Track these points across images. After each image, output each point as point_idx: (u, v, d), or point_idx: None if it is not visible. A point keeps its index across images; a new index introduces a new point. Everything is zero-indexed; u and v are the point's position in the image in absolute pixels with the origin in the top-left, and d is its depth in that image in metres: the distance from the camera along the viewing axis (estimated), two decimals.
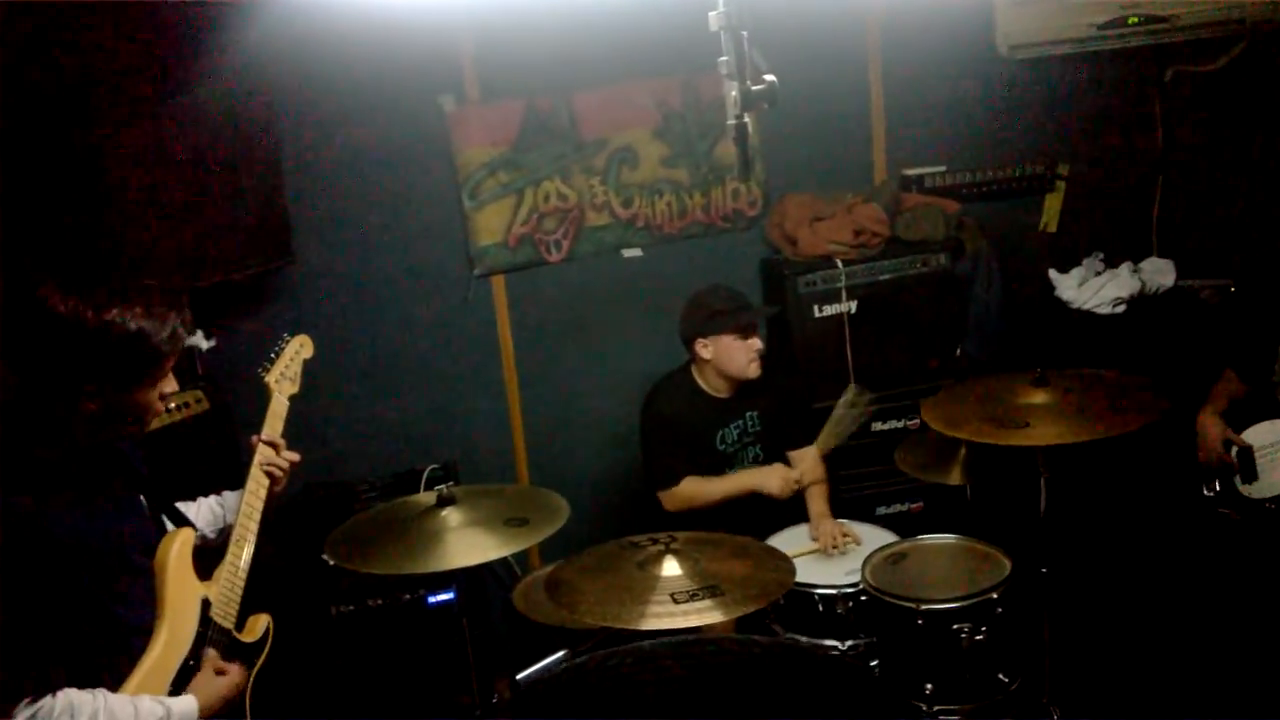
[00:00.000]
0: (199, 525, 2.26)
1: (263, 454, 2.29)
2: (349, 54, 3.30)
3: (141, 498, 2.13)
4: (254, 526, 2.23)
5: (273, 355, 2.45)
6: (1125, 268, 3.80)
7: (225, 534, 2.27)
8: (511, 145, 3.70)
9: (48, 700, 1.77)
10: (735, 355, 3.18)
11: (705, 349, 3.20)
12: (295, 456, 2.34)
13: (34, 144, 2.75)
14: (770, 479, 3.15)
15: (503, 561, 3.42)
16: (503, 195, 3.72)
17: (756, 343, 3.20)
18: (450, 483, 2.72)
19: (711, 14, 1.57)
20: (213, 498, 2.38)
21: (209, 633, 2.09)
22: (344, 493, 3.47)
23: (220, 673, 2.04)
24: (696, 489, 3.18)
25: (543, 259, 3.81)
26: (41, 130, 2.74)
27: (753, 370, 3.20)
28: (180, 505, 2.28)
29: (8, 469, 1.84)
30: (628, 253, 3.91)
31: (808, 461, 3.26)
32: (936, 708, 2.55)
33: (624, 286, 3.90)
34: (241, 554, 2.20)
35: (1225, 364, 3.14)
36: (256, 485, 2.26)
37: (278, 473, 2.30)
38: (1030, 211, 4.13)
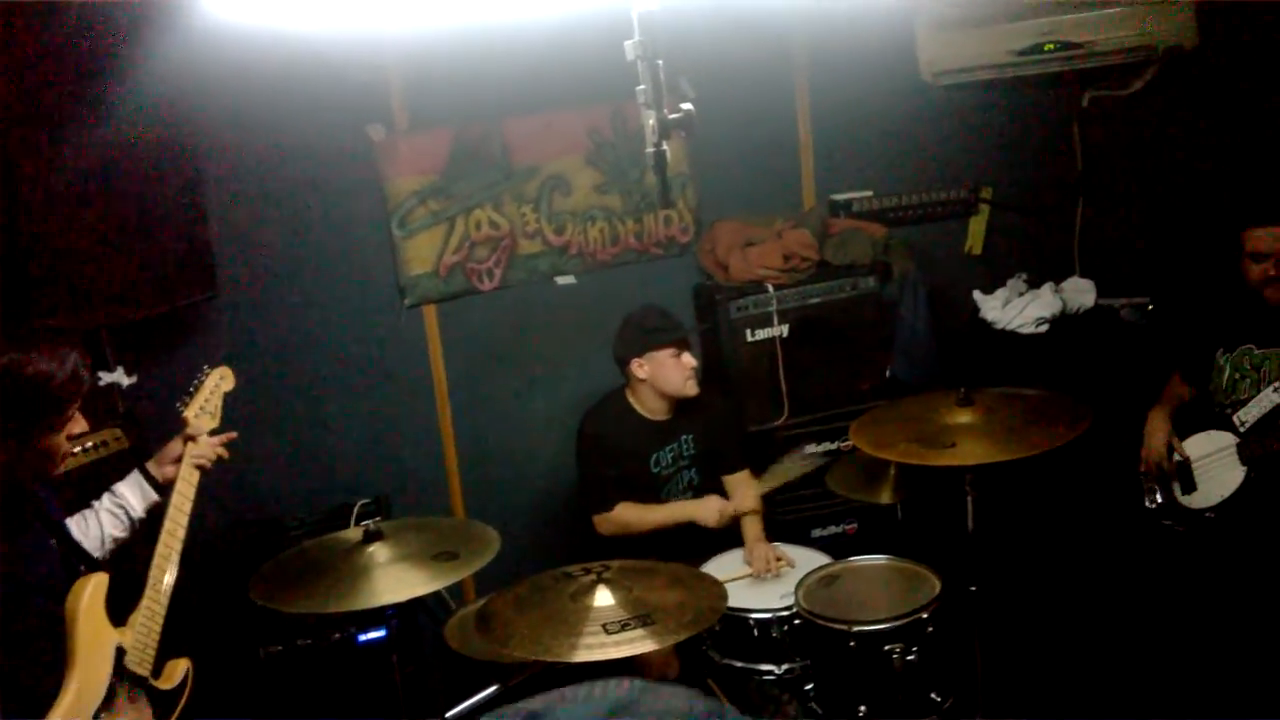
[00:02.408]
0: (106, 529, 2.22)
1: (192, 449, 2.29)
2: (276, 83, 3.25)
3: (53, 542, 2.07)
4: (178, 544, 2.19)
5: (191, 389, 2.40)
6: (1047, 288, 3.89)
7: (135, 528, 2.23)
8: (441, 174, 3.67)
9: None
10: (671, 373, 3.20)
11: (641, 368, 3.21)
12: (229, 436, 2.37)
13: None
14: (706, 511, 3.15)
15: (438, 597, 3.37)
16: (433, 224, 3.70)
17: (691, 360, 3.23)
18: (378, 517, 2.68)
19: (627, 43, 1.58)
20: (105, 498, 2.32)
21: (124, 681, 2.02)
22: (272, 530, 3.39)
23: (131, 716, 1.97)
24: (632, 516, 3.18)
25: (475, 288, 3.79)
26: None
27: (690, 388, 3.22)
28: (74, 518, 2.24)
29: None
30: (561, 280, 3.90)
31: (743, 489, 3.27)
32: None
33: (558, 314, 3.89)
34: (159, 595, 2.14)
35: (1169, 370, 3.22)
36: (186, 485, 2.24)
37: (206, 463, 2.32)
38: (956, 234, 4.22)
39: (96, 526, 2.29)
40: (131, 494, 2.33)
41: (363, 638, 3.08)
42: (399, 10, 2.96)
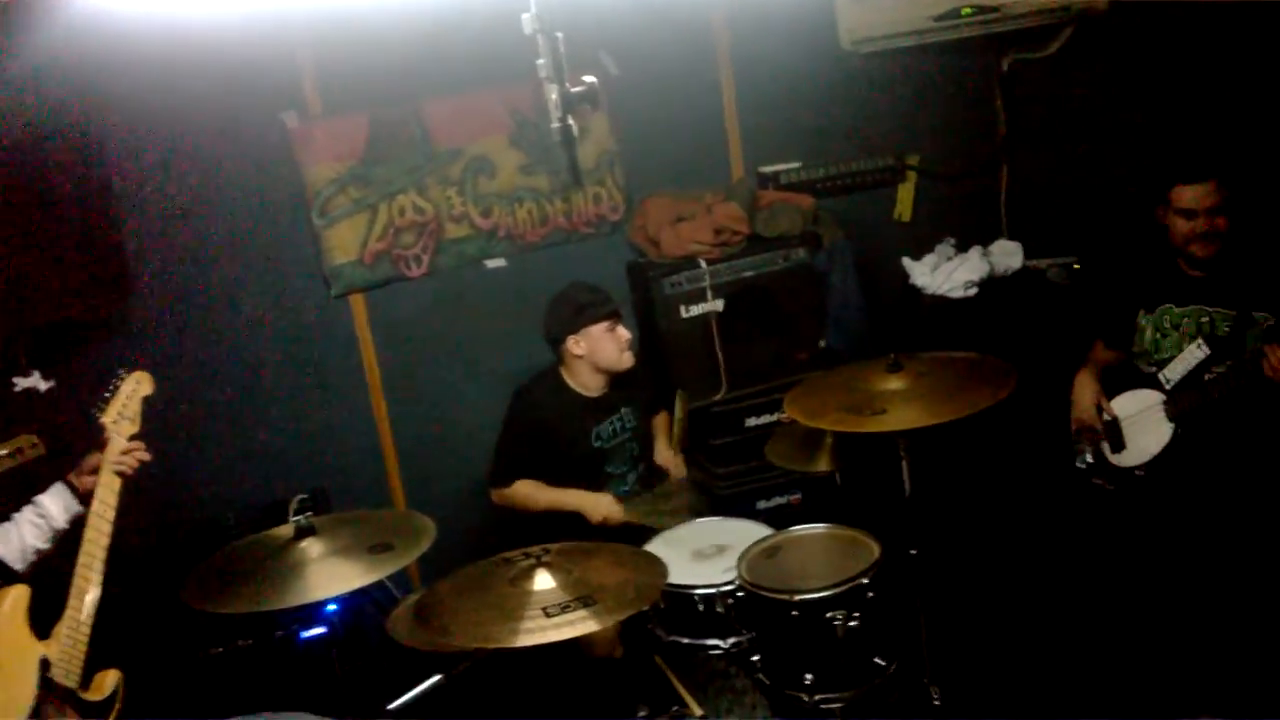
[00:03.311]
0: (28, 540, 2.18)
1: (114, 449, 2.27)
2: (183, 74, 3.16)
3: None
4: (102, 554, 2.13)
5: (107, 395, 2.34)
6: (975, 251, 3.93)
7: (57, 539, 2.18)
8: (360, 159, 3.60)
9: None
10: (607, 347, 3.20)
11: (578, 345, 3.19)
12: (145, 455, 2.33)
13: None
14: (594, 506, 3.13)
15: (385, 590, 3.32)
16: (355, 211, 3.62)
17: (625, 333, 3.23)
18: (309, 512, 2.62)
19: (525, 15, 1.55)
20: (27, 509, 2.27)
21: (50, 695, 1.96)
22: (208, 530, 3.31)
23: None
24: (527, 492, 3.20)
25: (402, 274, 3.72)
26: None
27: (626, 360, 3.23)
28: None
29: None
30: (491, 263, 3.86)
31: (672, 459, 3.34)
32: (818, 697, 2.57)
33: (489, 298, 3.85)
34: (83, 605, 2.08)
35: (1093, 335, 3.27)
36: (107, 492, 2.18)
37: (129, 471, 2.29)
38: (884, 202, 4.24)
39: (17, 538, 2.23)
40: (53, 504, 2.27)
41: (305, 635, 3.03)
42: None
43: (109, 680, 2.13)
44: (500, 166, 3.80)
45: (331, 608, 3.09)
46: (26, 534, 2.23)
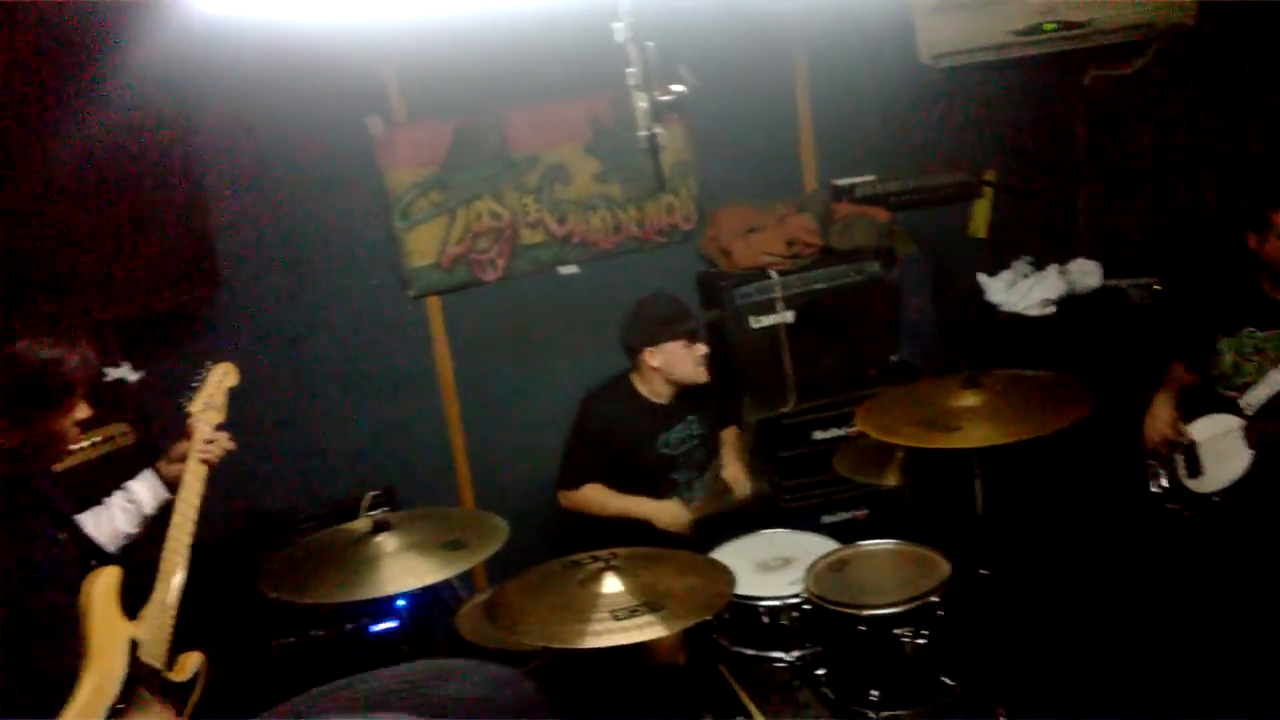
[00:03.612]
0: (119, 525, 2.23)
1: (200, 436, 2.30)
2: (274, 78, 3.25)
3: (63, 535, 2.07)
4: (187, 539, 2.19)
5: (194, 385, 2.41)
6: (1053, 270, 3.88)
7: (146, 524, 2.26)
8: (441, 165, 3.67)
9: None
10: (683, 361, 3.23)
11: (654, 357, 3.23)
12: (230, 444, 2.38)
13: None
14: (663, 514, 3.19)
15: (450, 587, 3.38)
16: (435, 215, 3.69)
17: (702, 348, 3.26)
18: (385, 508, 2.68)
19: (615, 25, 1.57)
20: (117, 495, 2.34)
21: (138, 674, 2.03)
22: (282, 523, 3.40)
23: (146, 709, 1.98)
24: (595, 496, 3.24)
25: (478, 279, 3.79)
26: None
27: (700, 375, 3.25)
28: (88, 513, 2.25)
29: None
30: (564, 270, 3.90)
31: (730, 450, 3.41)
32: (883, 713, 2.55)
33: (561, 304, 3.89)
34: (169, 588, 2.14)
35: (1171, 358, 3.20)
36: (193, 478, 2.25)
37: (212, 458, 2.33)
38: (959, 217, 4.21)
39: (109, 522, 2.30)
40: (143, 490, 2.34)
41: (374, 628, 3.10)
42: (396, 2, 2.96)
43: (192, 662, 2.19)
44: (576, 174, 3.85)
45: (400, 603, 3.16)
46: (117, 518, 2.31)
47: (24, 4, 2.46)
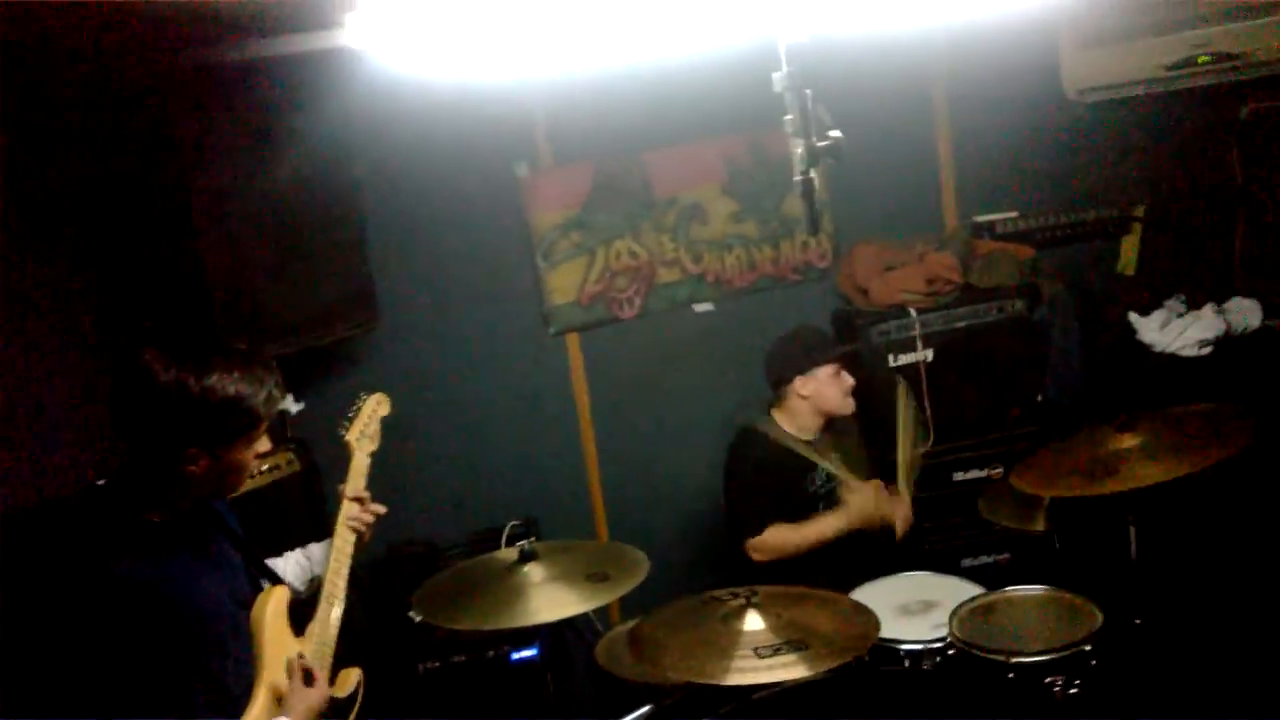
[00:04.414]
0: (289, 579, 2.32)
1: (348, 509, 2.35)
2: (428, 125, 3.41)
3: (238, 555, 2.20)
4: (343, 582, 2.29)
5: (350, 415, 2.50)
6: (1209, 308, 3.72)
7: (314, 585, 2.33)
8: (582, 206, 3.79)
9: None
10: (832, 390, 3.24)
11: (805, 385, 3.23)
12: (381, 509, 2.40)
13: (130, 206, 2.91)
14: (858, 510, 3.15)
15: (584, 619, 3.43)
16: (575, 255, 3.81)
17: (849, 379, 3.26)
18: (531, 539, 2.76)
19: (775, 75, 1.62)
20: (298, 551, 2.44)
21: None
22: (429, 551, 3.53)
23: (310, 683, 2.07)
24: (784, 536, 3.16)
25: (615, 316, 3.87)
26: (139, 195, 2.90)
27: (848, 406, 3.26)
28: (269, 561, 2.35)
29: (119, 534, 1.92)
30: (699, 307, 3.96)
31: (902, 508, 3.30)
32: None
33: (696, 341, 3.95)
34: (332, 610, 2.25)
35: None
36: (343, 541, 2.32)
37: (362, 527, 2.36)
38: (1107, 255, 4.08)
39: (281, 573, 2.41)
40: (321, 552, 2.42)
41: (516, 656, 3.17)
42: (544, 53, 3.08)
43: (352, 678, 2.28)
44: (712, 214, 3.91)
45: (540, 632, 3.23)
46: (289, 572, 2.41)
47: (224, 65, 2.66)
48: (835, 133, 1.66)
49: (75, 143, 2.83)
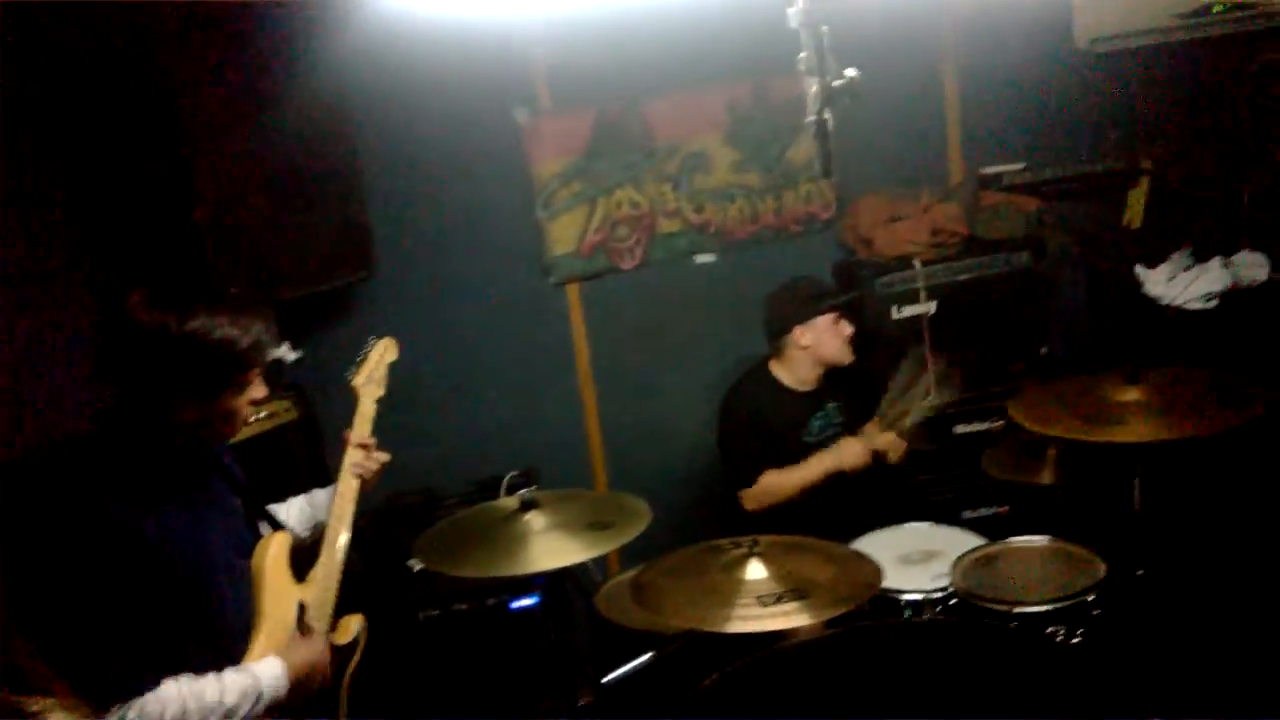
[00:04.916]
0: (291, 524, 2.30)
1: (353, 456, 2.32)
2: (425, 69, 3.35)
3: (238, 502, 2.18)
4: (346, 530, 2.27)
5: (358, 359, 2.48)
6: (1216, 262, 3.69)
7: (317, 531, 2.31)
8: (583, 154, 3.72)
9: (137, 700, 1.80)
10: (832, 339, 3.22)
11: (804, 335, 3.21)
12: (385, 456, 2.38)
13: (123, 154, 2.85)
14: (849, 455, 3.13)
15: (583, 569, 3.43)
16: (575, 205, 3.75)
17: (849, 326, 3.24)
18: (532, 487, 2.74)
19: (790, 9, 1.57)
20: (302, 497, 2.41)
21: (304, 635, 2.12)
22: (427, 500, 3.51)
23: (304, 635, 2.06)
24: (776, 481, 3.16)
25: (616, 267, 3.83)
26: (130, 141, 2.84)
27: (847, 355, 3.24)
28: (271, 507, 2.32)
29: (108, 478, 1.89)
30: (700, 258, 3.92)
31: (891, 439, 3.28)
32: None
33: (697, 292, 3.91)
34: (335, 557, 2.23)
35: None
36: (347, 487, 2.30)
37: (367, 474, 2.33)
38: (1113, 207, 4.04)
39: (284, 519, 2.38)
40: (325, 498, 2.38)
41: (515, 604, 3.17)
42: None
43: (353, 625, 2.28)
44: (715, 163, 3.85)
45: (539, 580, 3.23)
46: (293, 518, 2.37)
47: (213, 4, 2.59)
48: (851, 71, 1.61)
49: (68, 91, 2.77)
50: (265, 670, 1.95)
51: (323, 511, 2.30)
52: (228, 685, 1.89)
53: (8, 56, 2.51)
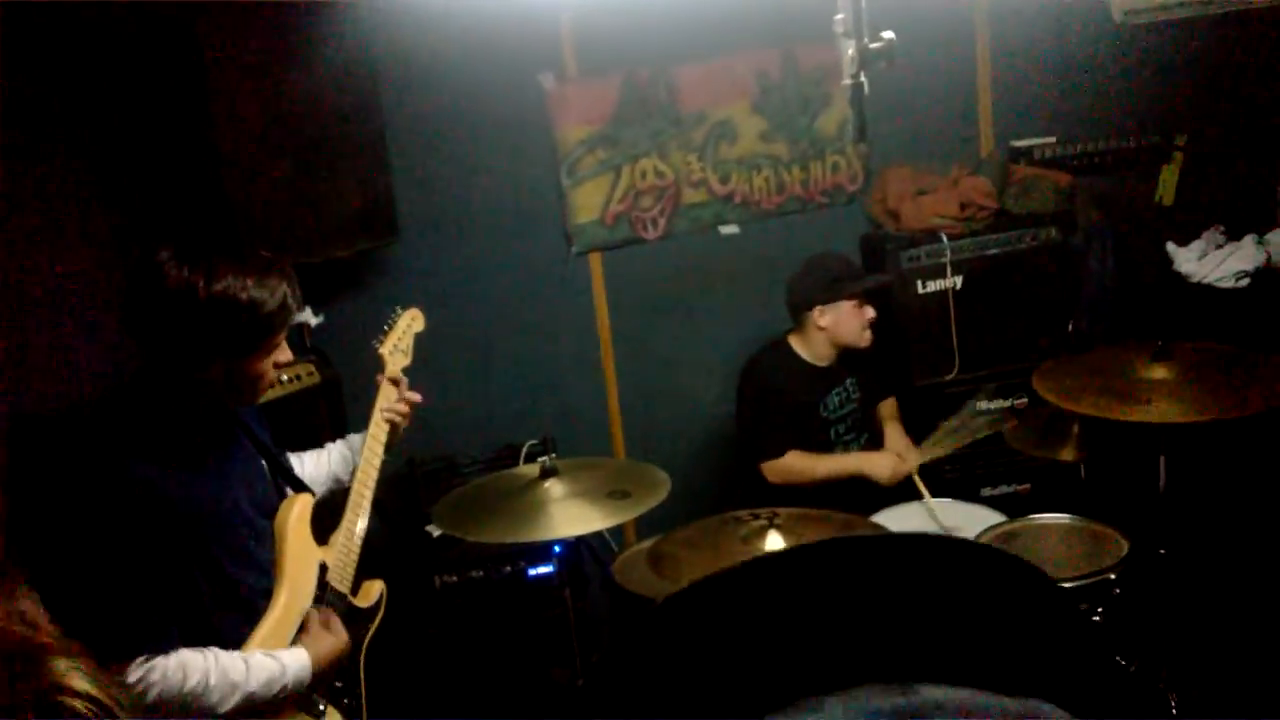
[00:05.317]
0: (334, 468, 2.32)
1: (385, 397, 2.32)
2: (451, 34, 3.32)
3: (263, 463, 2.19)
4: (369, 491, 2.27)
5: (385, 328, 2.47)
6: (1249, 239, 3.63)
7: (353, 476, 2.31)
8: (609, 121, 3.69)
9: (160, 660, 1.81)
10: (852, 323, 3.18)
11: (822, 316, 3.18)
12: (416, 397, 2.37)
13: (151, 116, 2.85)
14: (878, 467, 3.12)
15: (599, 538, 3.44)
16: (600, 173, 3.72)
17: (870, 311, 3.20)
18: (551, 455, 2.74)
19: None
20: (340, 442, 2.42)
21: (325, 596, 2.13)
22: (447, 467, 3.53)
23: (326, 627, 2.07)
24: (802, 464, 3.16)
25: (639, 236, 3.81)
26: (157, 102, 2.84)
27: (866, 339, 3.20)
28: (310, 453, 2.34)
29: (131, 436, 1.89)
30: (724, 230, 3.88)
31: (892, 422, 3.33)
32: None
33: (720, 263, 3.88)
34: (358, 520, 2.24)
35: None
36: (379, 430, 2.30)
37: (398, 418, 2.33)
38: (1145, 183, 3.98)
39: (327, 464, 2.38)
40: (360, 444, 2.36)
41: (532, 572, 3.18)
42: None
43: (374, 589, 2.29)
44: (741, 133, 3.81)
45: (556, 549, 3.24)
46: (334, 463, 2.39)
47: None
48: (888, 34, 1.57)
49: (92, 51, 2.76)
50: (293, 660, 1.96)
51: (359, 456, 2.30)
52: (253, 668, 1.90)
53: (40, 13, 2.50)
